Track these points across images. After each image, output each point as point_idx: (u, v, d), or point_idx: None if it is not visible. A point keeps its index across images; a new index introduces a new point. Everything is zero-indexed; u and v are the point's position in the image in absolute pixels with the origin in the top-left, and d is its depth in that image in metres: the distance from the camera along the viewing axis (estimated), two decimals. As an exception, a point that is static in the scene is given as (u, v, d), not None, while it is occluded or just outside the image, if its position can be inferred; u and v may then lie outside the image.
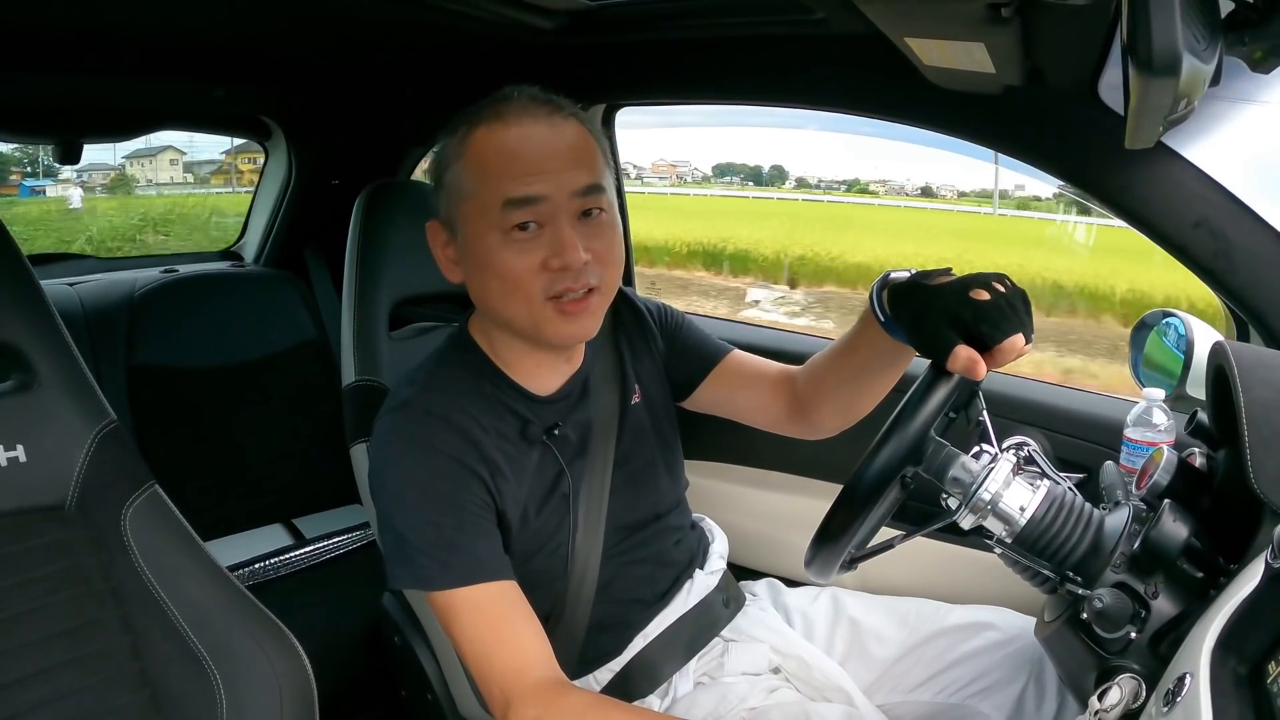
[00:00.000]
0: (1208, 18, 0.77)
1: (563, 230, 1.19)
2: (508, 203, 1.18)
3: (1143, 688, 0.95)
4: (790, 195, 14.85)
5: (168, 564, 1.27)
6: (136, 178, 7.51)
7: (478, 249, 1.22)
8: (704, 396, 1.52)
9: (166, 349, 2.54)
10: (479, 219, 1.21)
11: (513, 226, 1.19)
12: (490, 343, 1.33)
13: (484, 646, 1.17)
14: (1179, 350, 1.45)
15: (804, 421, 1.45)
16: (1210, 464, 1.22)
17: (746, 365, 1.52)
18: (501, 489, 1.25)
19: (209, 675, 1.24)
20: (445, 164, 1.26)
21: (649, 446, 1.45)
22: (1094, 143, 1.43)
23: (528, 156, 1.20)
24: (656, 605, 1.42)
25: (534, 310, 1.21)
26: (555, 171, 1.20)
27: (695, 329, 1.55)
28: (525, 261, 1.19)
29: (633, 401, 1.45)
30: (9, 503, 1.19)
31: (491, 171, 1.20)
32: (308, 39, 2.08)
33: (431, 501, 1.20)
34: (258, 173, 3.06)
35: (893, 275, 1.19)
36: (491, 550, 1.22)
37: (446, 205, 1.26)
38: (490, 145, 1.21)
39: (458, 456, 1.22)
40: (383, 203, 1.70)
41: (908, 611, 1.51)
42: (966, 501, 1.10)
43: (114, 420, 1.29)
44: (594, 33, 1.81)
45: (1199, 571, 1.03)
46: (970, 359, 1.01)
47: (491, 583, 1.19)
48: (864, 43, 1.42)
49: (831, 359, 1.37)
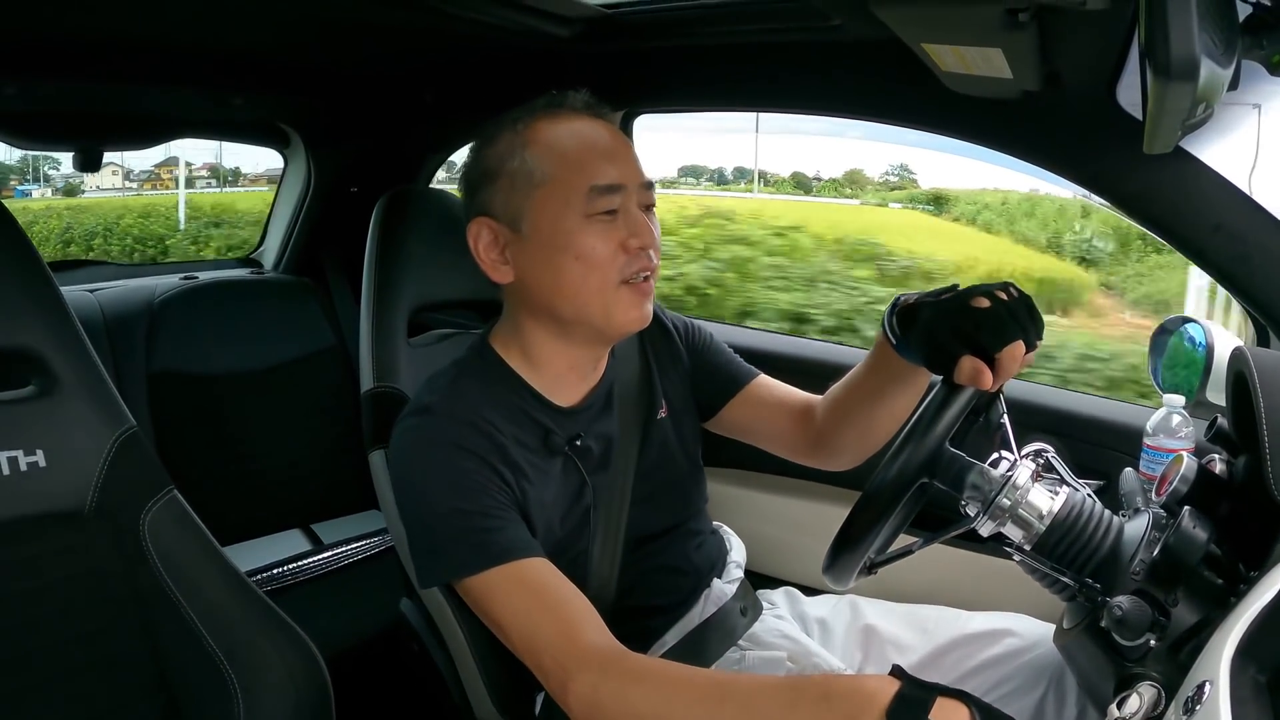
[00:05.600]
0: (1226, 22, 0.77)
1: (639, 215, 1.26)
2: (595, 188, 1.23)
3: (1162, 696, 0.94)
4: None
5: (186, 568, 1.28)
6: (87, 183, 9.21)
7: (556, 233, 1.24)
8: (726, 420, 1.53)
9: (186, 355, 2.55)
10: (558, 204, 1.24)
11: (599, 212, 1.23)
12: (520, 352, 1.34)
13: (530, 621, 1.14)
14: (1199, 356, 1.44)
15: (823, 450, 1.46)
16: (1230, 470, 1.21)
17: (771, 391, 1.52)
18: (526, 491, 1.25)
19: (226, 680, 1.25)
20: (506, 155, 1.27)
21: (672, 462, 1.45)
22: (1112, 148, 1.42)
23: (607, 147, 1.27)
24: (674, 613, 1.41)
25: (607, 293, 1.25)
26: (628, 163, 1.27)
27: (722, 349, 1.55)
28: (606, 244, 1.23)
29: (659, 416, 1.45)
30: (29, 507, 1.20)
31: (575, 157, 1.24)
32: (325, 47, 2.08)
33: (458, 495, 1.20)
34: (174, 180, 3.12)
35: (903, 297, 1.20)
36: (520, 532, 1.21)
37: (508, 195, 1.27)
38: (566, 134, 1.26)
39: (480, 453, 1.22)
40: (401, 209, 1.71)
41: (926, 619, 1.50)
42: (986, 508, 1.09)
43: (133, 425, 1.30)
44: (612, 40, 1.81)
45: (1219, 579, 1.02)
46: (975, 369, 1.02)
47: (528, 559, 1.18)
48: (881, 49, 1.41)
49: (849, 385, 1.38)
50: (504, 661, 1.18)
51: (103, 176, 9.33)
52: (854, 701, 0.88)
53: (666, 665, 1.14)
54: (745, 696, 0.98)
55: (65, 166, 9.20)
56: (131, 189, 9.83)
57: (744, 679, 1.15)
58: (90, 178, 9.15)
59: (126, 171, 9.69)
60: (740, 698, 0.98)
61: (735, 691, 1.00)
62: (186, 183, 10.15)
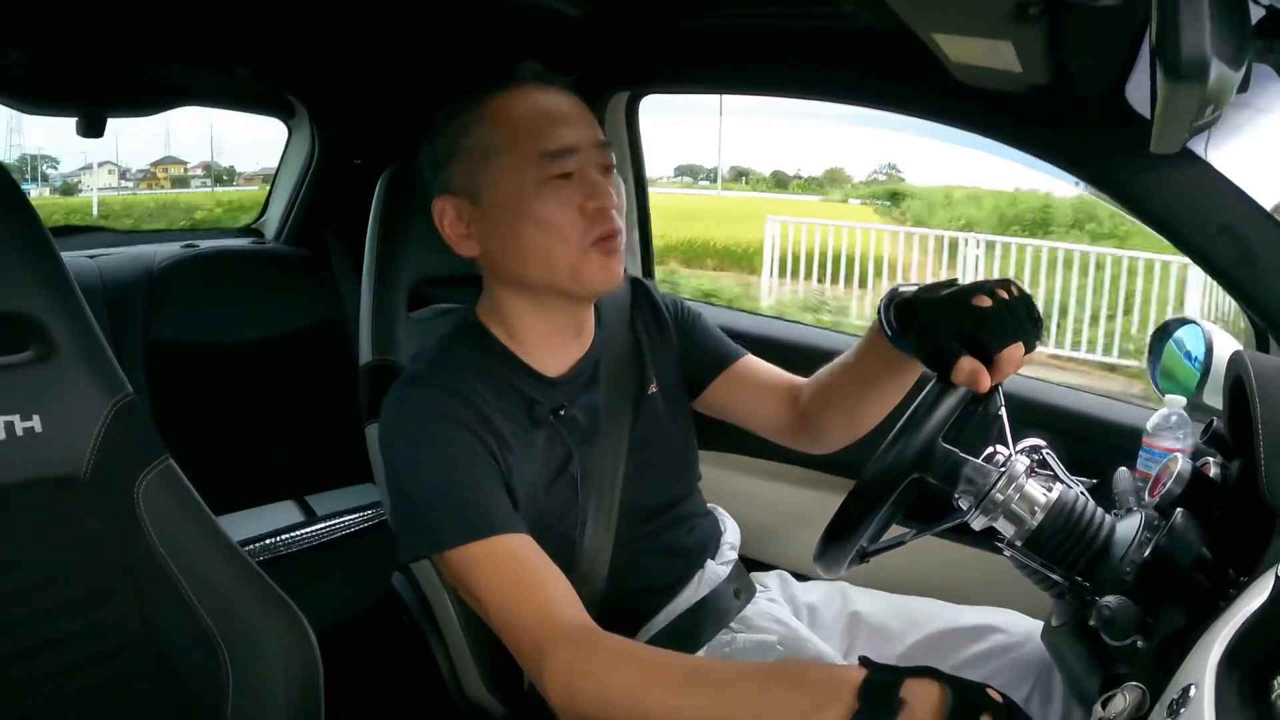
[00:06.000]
0: (1237, 24, 0.76)
1: (595, 177, 1.26)
2: (545, 154, 1.24)
3: (1147, 697, 0.94)
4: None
5: (179, 537, 1.28)
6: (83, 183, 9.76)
7: (513, 202, 1.25)
8: (711, 398, 1.53)
9: (185, 324, 2.56)
10: (513, 173, 1.24)
11: (551, 177, 1.23)
12: (501, 322, 1.34)
13: (507, 597, 1.14)
14: (1197, 358, 1.44)
15: (808, 433, 1.47)
16: (1224, 474, 1.21)
17: (757, 371, 1.52)
18: (510, 462, 1.25)
19: (216, 648, 1.25)
20: (461, 131, 1.29)
21: (664, 437, 1.45)
22: (1118, 145, 1.42)
23: (558, 112, 1.28)
24: (667, 594, 1.41)
25: (573, 256, 1.25)
26: (581, 126, 1.28)
27: (710, 328, 1.55)
28: (564, 209, 1.24)
29: (649, 391, 1.45)
30: (25, 472, 1.20)
31: (524, 126, 1.25)
32: (332, 18, 2.08)
33: (440, 464, 1.20)
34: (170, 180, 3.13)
35: (900, 289, 1.19)
36: (503, 506, 1.21)
37: (465, 170, 1.28)
38: (517, 105, 1.27)
39: (465, 423, 1.22)
40: (405, 184, 1.71)
41: (916, 610, 1.50)
42: (978, 502, 1.10)
43: (130, 393, 1.30)
44: (619, 20, 1.81)
45: (1208, 582, 1.02)
46: (973, 371, 1.01)
47: (507, 535, 1.17)
48: (890, 38, 1.40)
49: (838, 370, 1.38)
50: (494, 638, 1.18)
51: (99, 176, 9.71)
52: (826, 687, 0.88)
53: (642, 648, 1.16)
54: (719, 681, 0.99)
55: (64, 166, 9.63)
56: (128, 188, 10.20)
57: (719, 664, 1.18)
58: (87, 177, 9.59)
59: (123, 171, 10.11)
60: (714, 682, 0.99)
61: (709, 676, 1.01)
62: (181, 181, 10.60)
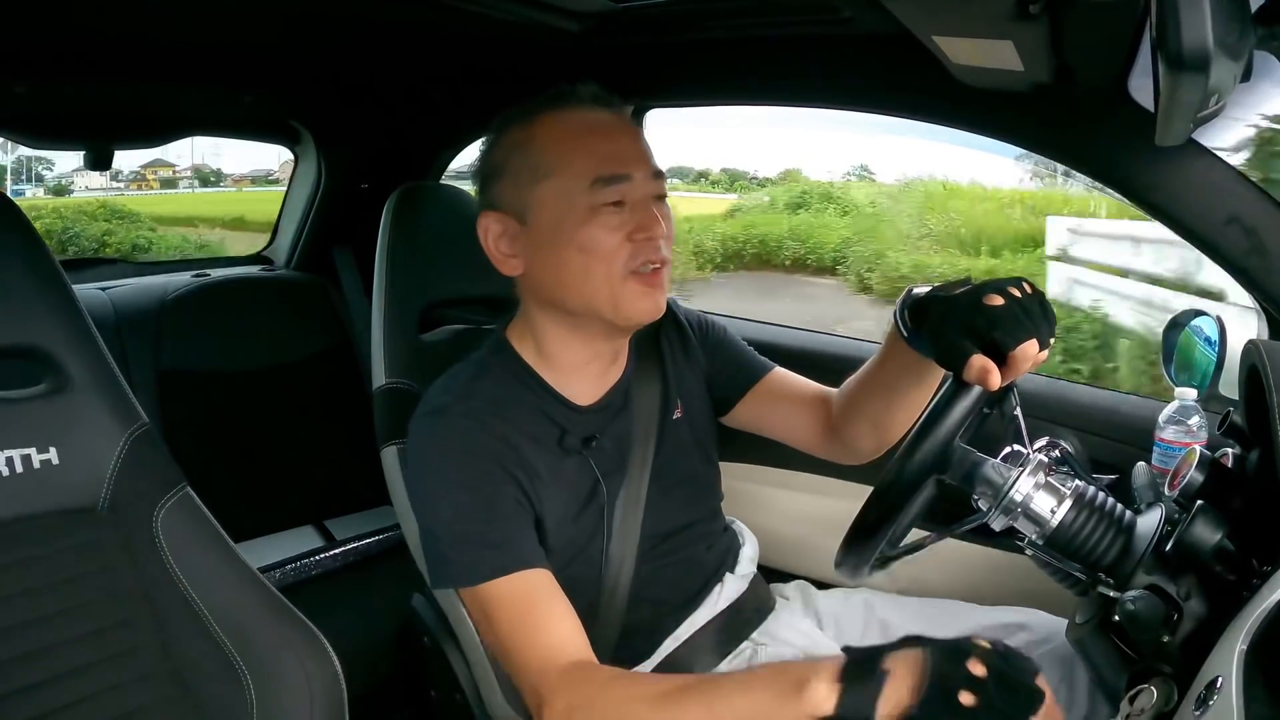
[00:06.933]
0: (1238, 12, 0.76)
1: (647, 206, 1.25)
2: (598, 180, 1.23)
3: (1174, 691, 0.94)
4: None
5: (199, 565, 1.28)
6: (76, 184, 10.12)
7: (560, 226, 1.24)
8: (742, 414, 1.52)
9: (197, 353, 2.57)
10: (562, 196, 1.24)
11: (603, 204, 1.23)
12: (535, 346, 1.34)
13: (515, 641, 1.16)
14: (1211, 349, 1.43)
15: (839, 443, 1.46)
16: (1243, 464, 1.20)
17: (786, 384, 1.52)
18: (540, 493, 1.25)
19: (240, 676, 1.25)
20: (512, 147, 1.28)
21: (688, 461, 1.45)
22: (1123, 140, 1.42)
23: (614, 138, 1.27)
24: (687, 608, 1.41)
25: (614, 285, 1.24)
26: (635, 153, 1.26)
27: (736, 343, 1.55)
28: (611, 235, 1.23)
29: (674, 416, 1.44)
30: (42, 504, 1.20)
31: (579, 149, 1.24)
32: (335, 44, 2.09)
33: (466, 502, 1.21)
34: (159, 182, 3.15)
35: (915, 290, 1.19)
36: (525, 541, 1.22)
37: (514, 189, 1.28)
38: (572, 125, 1.26)
39: (495, 458, 1.22)
40: (413, 205, 1.71)
41: (940, 613, 1.50)
42: (998, 503, 1.09)
43: (146, 423, 1.30)
44: (621, 34, 1.81)
45: (1231, 574, 1.01)
46: (984, 369, 0.99)
47: (524, 571, 1.18)
48: (892, 42, 1.41)
49: (862, 378, 1.37)
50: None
51: (91, 177, 9.95)
52: (808, 669, 0.89)
53: (635, 675, 1.21)
54: (706, 689, 1.01)
55: (59, 167, 9.91)
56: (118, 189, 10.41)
57: (708, 677, 1.21)
58: (79, 178, 9.89)
59: (115, 172, 10.33)
60: (701, 691, 1.01)
61: (697, 687, 1.03)
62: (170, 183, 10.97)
